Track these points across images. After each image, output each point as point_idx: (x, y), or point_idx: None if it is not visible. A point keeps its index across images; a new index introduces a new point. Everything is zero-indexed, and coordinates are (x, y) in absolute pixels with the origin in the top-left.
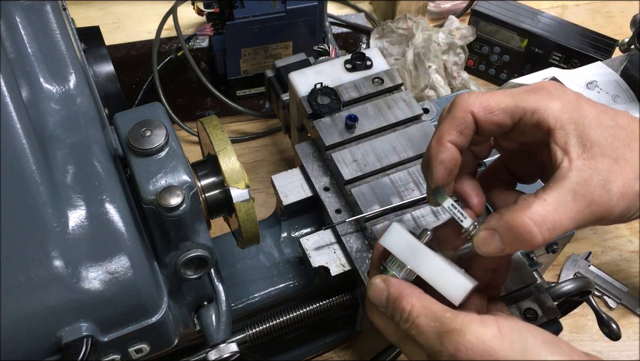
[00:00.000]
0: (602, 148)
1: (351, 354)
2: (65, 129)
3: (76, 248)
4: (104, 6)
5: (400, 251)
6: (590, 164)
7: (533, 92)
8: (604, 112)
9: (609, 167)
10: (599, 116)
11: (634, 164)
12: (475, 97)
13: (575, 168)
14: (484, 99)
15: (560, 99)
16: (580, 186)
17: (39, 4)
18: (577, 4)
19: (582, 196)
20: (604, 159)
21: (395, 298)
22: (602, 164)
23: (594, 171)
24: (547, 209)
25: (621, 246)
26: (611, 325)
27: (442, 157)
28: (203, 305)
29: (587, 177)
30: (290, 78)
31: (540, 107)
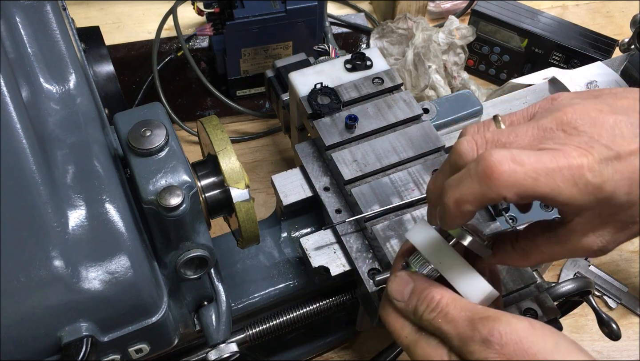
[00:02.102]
0: (615, 218)
1: (351, 354)
2: (65, 129)
3: (76, 248)
4: (104, 6)
5: (424, 246)
6: (597, 232)
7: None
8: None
9: (614, 234)
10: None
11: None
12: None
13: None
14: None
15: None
16: (579, 248)
17: (39, 4)
18: (577, 4)
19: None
20: (613, 226)
21: (423, 289)
22: (608, 231)
23: (599, 238)
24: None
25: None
26: (611, 325)
27: (458, 222)
28: (203, 304)
29: (590, 243)
30: (290, 78)
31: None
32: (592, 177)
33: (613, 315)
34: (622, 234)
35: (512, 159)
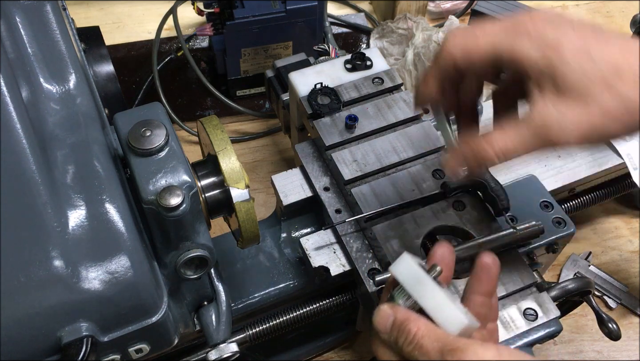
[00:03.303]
0: (574, 91)
1: (351, 354)
2: (65, 129)
3: (76, 248)
4: (104, 6)
5: (406, 279)
6: (558, 108)
7: (513, 32)
8: (587, 51)
9: (576, 110)
10: (578, 57)
11: (604, 104)
12: (459, 40)
13: (542, 111)
14: (466, 44)
15: (539, 41)
16: (541, 128)
17: (39, 4)
18: (577, 4)
19: (540, 137)
20: (574, 101)
21: (402, 321)
22: (570, 107)
23: (559, 114)
24: (507, 141)
25: (621, 246)
26: (611, 325)
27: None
28: (203, 304)
29: (550, 120)
30: (290, 78)
31: (518, 51)
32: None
33: (613, 315)
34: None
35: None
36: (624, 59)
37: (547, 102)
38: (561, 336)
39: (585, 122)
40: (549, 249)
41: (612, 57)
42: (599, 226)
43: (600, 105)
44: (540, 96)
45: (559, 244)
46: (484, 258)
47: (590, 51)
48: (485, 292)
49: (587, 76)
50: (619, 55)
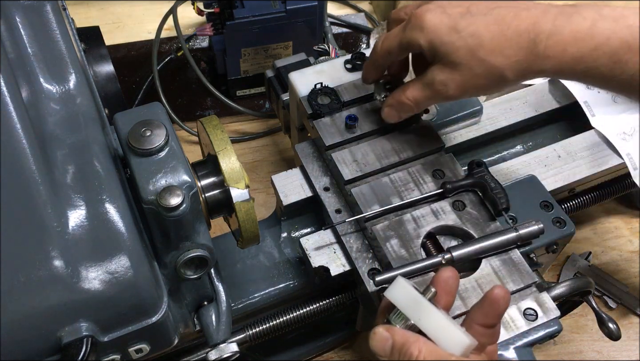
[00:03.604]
0: (449, 61)
1: (351, 354)
2: (65, 129)
3: (76, 248)
4: (104, 6)
5: (403, 303)
6: (440, 73)
7: (407, 27)
8: (456, 29)
9: (452, 74)
10: (450, 35)
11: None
12: (380, 45)
13: (430, 72)
14: (384, 47)
15: (420, 28)
16: (430, 85)
17: (39, 4)
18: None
19: (432, 91)
20: (450, 68)
21: (402, 344)
22: (447, 72)
23: (441, 77)
24: (413, 93)
25: (621, 246)
26: (611, 325)
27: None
28: (203, 304)
29: (434, 78)
30: (290, 78)
31: (412, 42)
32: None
33: (613, 315)
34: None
35: None
36: (485, 30)
37: (434, 69)
38: (561, 336)
39: (459, 81)
40: (549, 249)
41: (476, 30)
42: (599, 226)
43: (469, 69)
44: (430, 65)
45: (559, 244)
46: (496, 290)
47: (458, 29)
48: (488, 325)
49: (456, 49)
50: (481, 28)
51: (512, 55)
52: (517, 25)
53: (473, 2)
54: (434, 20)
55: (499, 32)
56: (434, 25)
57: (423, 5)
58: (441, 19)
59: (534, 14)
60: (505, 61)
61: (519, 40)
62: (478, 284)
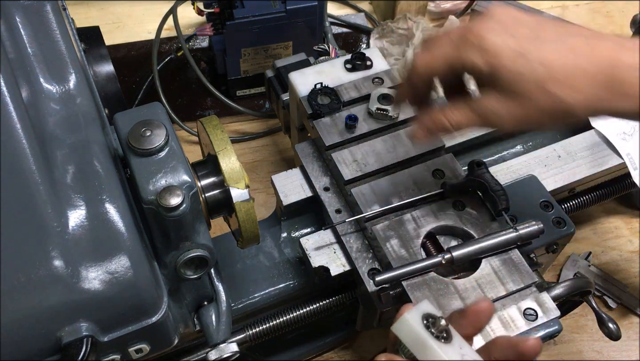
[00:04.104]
0: (512, 90)
1: (351, 354)
2: (65, 129)
3: (76, 248)
4: (104, 6)
5: (409, 341)
6: (498, 102)
7: (460, 44)
8: (523, 55)
9: (512, 105)
10: (514, 61)
11: (537, 101)
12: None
13: (484, 100)
14: (427, 64)
15: (480, 50)
16: (483, 114)
17: (39, 4)
18: (577, 4)
19: (483, 120)
20: (511, 98)
21: None
22: (507, 103)
23: (498, 107)
24: (458, 117)
25: (621, 246)
26: (611, 325)
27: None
28: (203, 304)
29: (491, 111)
30: (290, 78)
31: (464, 61)
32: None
33: (613, 315)
34: (515, 105)
35: None
36: (557, 60)
37: (489, 97)
38: (561, 336)
39: (519, 114)
40: (549, 249)
41: (546, 59)
42: (599, 226)
43: (534, 102)
44: (484, 91)
45: (559, 244)
46: (481, 303)
47: (526, 55)
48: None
49: (523, 77)
50: (552, 56)
51: (586, 90)
52: (593, 56)
53: (541, 26)
54: (498, 42)
55: (572, 63)
56: (498, 47)
57: (480, 23)
58: (507, 41)
59: (610, 45)
60: (577, 96)
61: (595, 73)
62: (478, 284)
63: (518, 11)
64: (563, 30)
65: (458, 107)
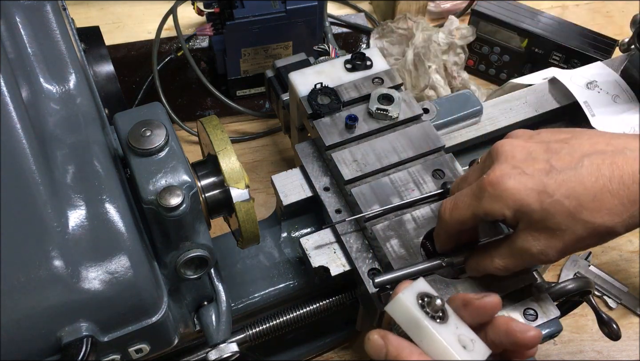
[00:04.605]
0: (545, 227)
1: (351, 354)
2: (65, 129)
3: (76, 248)
4: (104, 6)
5: (403, 322)
6: (532, 239)
7: (480, 197)
8: (545, 192)
9: (550, 240)
10: (539, 200)
11: (574, 231)
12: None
13: (520, 241)
14: (457, 218)
15: (501, 198)
16: (524, 252)
17: (39, 4)
18: (577, 4)
19: (525, 258)
20: (546, 234)
21: (395, 356)
22: (544, 239)
23: (535, 244)
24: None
25: (621, 246)
26: (611, 325)
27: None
28: (203, 304)
29: (529, 247)
30: (290, 78)
31: (489, 212)
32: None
33: (613, 315)
34: (555, 240)
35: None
36: (581, 189)
37: (526, 237)
38: (561, 336)
39: (560, 247)
40: None
41: (570, 190)
42: None
43: (571, 233)
44: (518, 233)
45: None
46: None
47: (548, 191)
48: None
49: (552, 213)
50: (575, 186)
51: (623, 211)
52: (619, 175)
53: (552, 154)
54: (517, 186)
55: (598, 188)
56: (518, 192)
57: (494, 170)
58: (524, 183)
59: (630, 157)
60: (615, 219)
61: (628, 193)
62: (479, 284)
63: (525, 141)
64: (576, 151)
65: (499, 252)
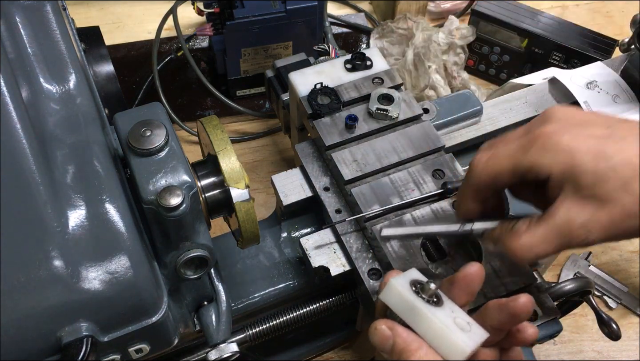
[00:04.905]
0: (594, 194)
1: (351, 354)
2: (65, 129)
3: (76, 248)
4: (104, 6)
5: (398, 308)
6: (580, 210)
7: (529, 148)
8: (602, 154)
9: (597, 211)
10: (594, 161)
11: (624, 204)
12: (482, 165)
13: (563, 210)
14: (490, 166)
15: (554, 152)
16: (564, 226)
17: (39, 4)
18: (577, 4)
19: (564, 235)
20: (594, 203)
21: (401, 350)
22: (591, 209)
23: (581, 216)
24: (532, 242)
25: (621, 246)
26: (611, 325)
27: (461, 211)
28: (203, 304)
29: (572, 218)
30: (290, 78)
31: (536, 165)
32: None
33: (613, 315)
34: (601, 213)
35: None
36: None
37: (568, 205)
38: (561, 336)
39: (606, 221)
40: None
41: (629, 157)
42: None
43: (621, 206)
44: (561, 200)
45: None
46: (471, 267)
47: (606, 153)
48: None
49: (605, 179)
50: (635, 157)
51: None
52: None
53: (611, 122)
54: (573, 143)
55: None
56: (573, 148)
57: (548, 125)
58: (582, 141)
59: None
60: None
61: None
62: None
63: (579, 110)
64: (636, 126)
65: (530, 228)
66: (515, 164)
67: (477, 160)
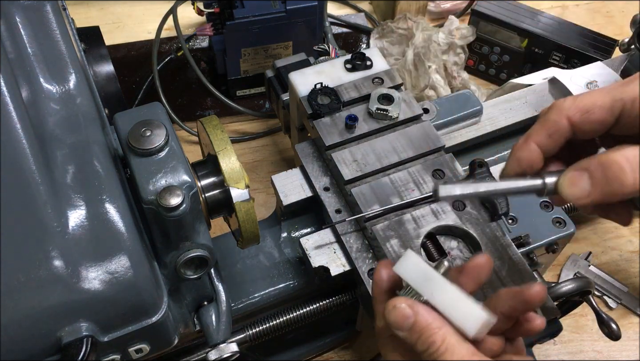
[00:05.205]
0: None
1: (351, 354)
2: (65, 129)
3: (76, 248)
4: (104, 6)
5: (414, 279)
6: None
7: (628, 83)
8: None
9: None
10: None
11: None
12: (571, 100)
13: None
14: (579, 101)
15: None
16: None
17: (39, 4)
18: (577, 4)
19: None
20: None
21: (422, 329)
22: None
23: None
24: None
25: (621, 246)
26: (611, 325)
27: (520, 155)
28: (203, 304)
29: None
30: (290, 78)
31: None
32: None
33: (613, 315)
34: None
35: None
36: None
37: None
38: (561, 336)
39: None
40: (548, 249)
41: None
42: (599, 226)
43: None
44: None
45: (559, 244)
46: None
47: None
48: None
49: None
50: None
51: None
52: None
53: None
54: None
55: None
56: None
57: None
58: None
59: None
60: None
61: None
62: None
63: None
64: None
65: None
66: (615, 98)
67: (561, 100)
